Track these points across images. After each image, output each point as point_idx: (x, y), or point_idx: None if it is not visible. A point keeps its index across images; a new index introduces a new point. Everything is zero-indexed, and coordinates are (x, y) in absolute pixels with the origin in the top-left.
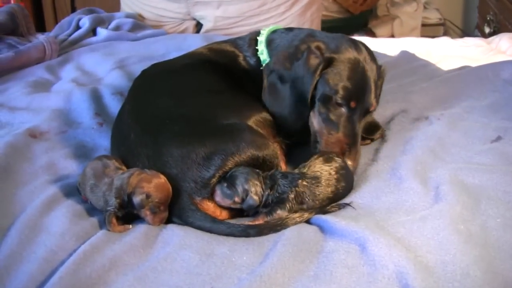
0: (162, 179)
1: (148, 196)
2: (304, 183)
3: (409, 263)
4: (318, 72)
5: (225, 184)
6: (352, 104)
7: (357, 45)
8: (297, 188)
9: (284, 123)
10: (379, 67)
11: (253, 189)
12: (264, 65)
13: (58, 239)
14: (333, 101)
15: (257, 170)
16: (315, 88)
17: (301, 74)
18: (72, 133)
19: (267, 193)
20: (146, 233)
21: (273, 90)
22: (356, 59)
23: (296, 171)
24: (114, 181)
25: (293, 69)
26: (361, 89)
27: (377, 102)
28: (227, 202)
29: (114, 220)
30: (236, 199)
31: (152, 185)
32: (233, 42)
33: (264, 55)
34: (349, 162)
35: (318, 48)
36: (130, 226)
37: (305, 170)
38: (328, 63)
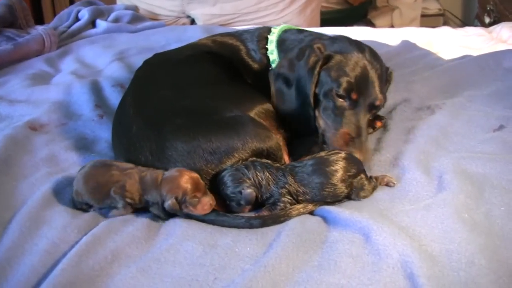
0: (184, 174)
1: (177, 197)
2: (288, 198)
3: (414, 252)
4: (317, 69)
5: (233, 203)
6: (354, 95)
7: (360, 46)
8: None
9: (297, 127)
10: (385, 69)
11: (243, 186)
12: (270, 71)
13: (59, 232)
14: (335, 94)
15: (236, 167)
16: (318, 86)
17: (303, 73)
18: (73, 125)
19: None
20: (148, 225)
21: (281, 96)
22: (357, 56)
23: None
24: (136, 182)
25: (296, 70)
26: (363, 82)
27: (384, 99)
28: (246, 208)
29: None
30: (242, 202)
31: (175, 185)
32: (239, 35)
33: (274, 55)
34: (356, 154)
35: (318, 48)
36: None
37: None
38: (327, 59)
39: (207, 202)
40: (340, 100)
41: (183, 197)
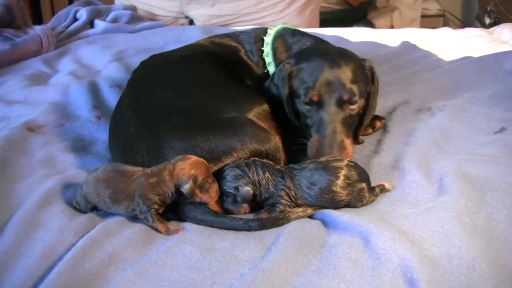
0: (192, 157)
1: (194, 180)
2: (287, 200)
3: (414, 256)
4: (286, 85)
5: (229, 200)
6: (315, 97)
7: (324, 50)
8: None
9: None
10: (360, 64)
11: (241, 183)
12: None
13: (56, 234)
14: (303, 104)
15: (237, 164)
16: (294, 104)
17: (280, 92)
18: (70, 126)
19: (257, 179)
20: (146, 228)
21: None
22: (316, 62)
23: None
24: (145, 180)
25: (277, 91)
26: (323, 83)
27: (357, 90)
28: (242, 208)
29: (160, 219)
30: (238, 199)
31: (189, 168)
32: (236, 36)
33: (269, 58)
34: (335, 153)
35: (287, 64)
36: (182, 228)
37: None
38: (290, 75)
39: (216, 190)
40: (307, 107)
41: (197, 181)
